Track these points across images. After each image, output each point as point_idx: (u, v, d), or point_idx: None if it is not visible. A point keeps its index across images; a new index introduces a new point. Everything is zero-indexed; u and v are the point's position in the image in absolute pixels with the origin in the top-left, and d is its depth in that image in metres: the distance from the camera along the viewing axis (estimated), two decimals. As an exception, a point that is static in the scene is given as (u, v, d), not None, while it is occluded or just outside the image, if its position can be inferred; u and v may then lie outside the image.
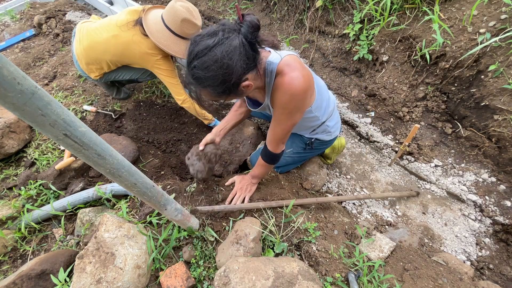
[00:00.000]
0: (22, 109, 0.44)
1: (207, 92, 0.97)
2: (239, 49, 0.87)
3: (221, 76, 0.90)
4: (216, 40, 0.86)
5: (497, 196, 1.70)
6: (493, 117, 1.68)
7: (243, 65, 0.90)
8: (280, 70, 1.03)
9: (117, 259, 1.05)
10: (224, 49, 0.86)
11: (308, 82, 1.04)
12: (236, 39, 0.87)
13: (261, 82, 1.08)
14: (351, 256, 1.31)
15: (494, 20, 1.64)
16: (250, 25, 0.87)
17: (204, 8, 3.32)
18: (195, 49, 0.89)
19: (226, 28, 0.89)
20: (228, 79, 0.90)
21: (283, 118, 1.13)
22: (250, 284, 0.93)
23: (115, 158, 0.64)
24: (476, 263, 1.57)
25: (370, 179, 1.98)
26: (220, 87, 0.93)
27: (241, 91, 0.99)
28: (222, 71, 0.88)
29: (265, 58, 1.06)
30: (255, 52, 0.93)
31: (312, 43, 2.62)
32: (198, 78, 0.92)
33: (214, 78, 0.90)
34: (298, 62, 1.06)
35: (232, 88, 0.94)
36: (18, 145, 1.73)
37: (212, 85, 0.93)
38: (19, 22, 3.13)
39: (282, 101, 1.06)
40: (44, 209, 1.41)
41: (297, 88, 1.01)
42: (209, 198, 1.39)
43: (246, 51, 0.89)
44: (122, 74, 1.89)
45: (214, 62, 0.87)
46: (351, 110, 2.28)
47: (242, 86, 0.96)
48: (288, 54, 1.08)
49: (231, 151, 1.93)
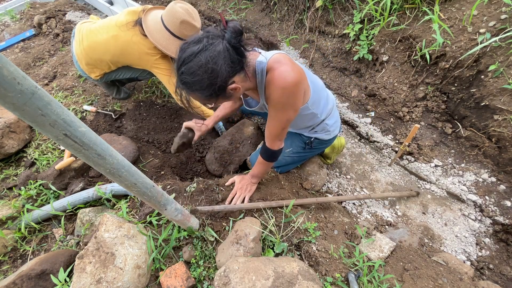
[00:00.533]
0: (22, 109, 0.44)
1: (196, 95, 1.03)
2: (223, 54, 0.93)
3: (207, 80, 0.95)
4: (201, 46, 0.92)
5: (497, 196, 1.70)
6: (493, 117, 1.68)
7: (228, 68, 0.95)
8: (270, 67, 1.07)
9: (117, 259, 1.05)
10: (209, 55, 0.91)
11: (298, 75, 1.05)
12: (220, 45, 0.93)
13: (252, 83, 1.12)
14: (351, 256, 1.31)
15: (494, 20, 1.64)
16: (233, 31, 0.93)
17: (204, 8, 3.32)
18: (182, 56, 0.95)
19: (210, 35, 0.94)
20: (213, 83, 0.95)
21: (277, 114, 1.14)
22: (250, 284, 0.93)
23: (115, 158, 0.64)
24: (476, 263, 1.57)
25: (370, 179, 1.98)
26: (207, 90, 0.98)
27: (230, 94, 1.04)
28: (207, 75, 0.93)
29: (254, 59, 1.10)
30: (240, 56, 0.98)
31: (312, 43, 2.62)
32: (186, 82, 0.98)
33: (200, 82, 0.95)
34: (287, 59, 1.09)
35: (218, 91, 0.99)
36: (18, 145, 1.73)
37: (199, 89, 0.98)
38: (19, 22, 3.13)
39: (274, 96, 1.08)
40: (44, 209, 1.41)
41: (287, 81, 1.04)
42: (209, 198, 1.39)
43: (230, 55, 0.94)
44: (123, 73, 1.89)
45: (199, 67, 0.93)
46: (351, 110, 2.28)
47: (230, 89, 1.01)
48: (278, 52, 1.12)
49: (231, 151, 1.93)
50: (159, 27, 1.58)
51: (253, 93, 1.23)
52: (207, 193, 1.41)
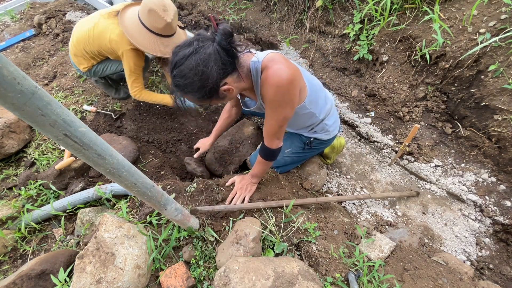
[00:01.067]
0: (22, 109, 0.44)
1: (189, 97, 1.04)
2: (213, 56, 0.94)
3: (198, 82, 0.97)
4: (192, 49, 0.94)
5: (497, 196, 1.70)
6: (493, 117, 1.68)
7: (219, 70, 0.96)
8: (265, 66, 1.08)
9: (117, 259, 1.05)
10: (199, 57, 0.93)
11: (292, 72, 1.06)
12: (211, 47, 0.94)
13: (247, 84, 1.13)
14: (351, 256, 1.31)
15: (494, 20, 1.64)
16: (223, 33, 0.94)
17: (204, 8, 3.32)
18: (174, 59, 0.97)
19: (201, 38, 0.97)
20: (205, 85, 0.97)
21: (274, 112, 1.14)
22: (250, 284, 0.93)
23: (115, 158, 0.64)
24: (476, 263, 1.57)
25: (370, 179, 1.98)
26: (199, 92, 1.00)
27: (223, 95, 1.05)
28: (198, 78, 0.95)
29: (248, 60, 1.11)
30: (231, 57, 0.99)
31: (312, 43, 2.62)
32: (179, 85, 1.00)
33: (191, 84, 0.97)
34: (281, 57, 1.10)
35: (210, 92, 1.00)
36: (18, 145, 1.73)
37: (192, 91, 1.00)
38: (19, 22, 3.13)
39: (270, 94, 1.08)
40: (44, 209, 1.41)
41: (282, 78, 1.04)
42: (209, 198, 1.39)
43: (221, 57, 0.96)
44: (109, 65, 1.91)
45: (190, 70, 0.95)
46: (351, 110, 2.28)
47: (223, 90, 1.02)
48: (272, 52, 1.12)
49: (231, 151, 1.92)
50: (132, 16, 1.62)
51: (250, 93, 1.24)
52: (207, 193, 1.41)
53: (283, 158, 1.63)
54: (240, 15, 3.07)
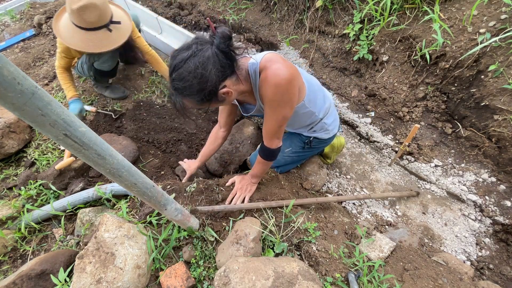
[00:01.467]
0: (22, 109, 0.44)
1: (188, 101, 1.04)
2: (212, 59, 0.94)
3: (196, 85, 0.96)
4: (190, 52, 0.94)
5: (497, 196, 1.70)
6: (493, 117, 1.68)
7: (218, 73, 0.96)
8: (263, 67, 1.08)
9: (117, 259, 1.05)
10: (198, 60, 0.93)
11: (290, 71, 1.06)
12: (209, 50, 0.94)
13: (246, 87, 1.13)
14: (351, 256, 1.31)
15: (494, 20, 1.64)
16: (222, 36, 0.94)
17: (204, 8, 3.32)
18: (173, 63, 0.97)
19: (199, 41, 0.96)
20: (204, 88, 0.97)
21: (273, 112, 1.14)
22: (250, 284, 0.93)
23: (115, 158, 0.64)
24: (476, 263, 1.57)
25: (370, 179, 1.98)
26: (197, 95, 0.99)
27: (222, 98, 1.05)
28: (197, 81, 0.95)
29: (247, 63, 1.11)
30: (230, 60, 0.99)
31: (312, 43, 2.62)
32: (177, 88, 1.00)
33: (190, 87, 0.97)
34: (279, 57, 1.10)
35: (210, 95, 1.00)
36: (18, 145, 1.73)
37: (190, 94, 0.99)
38: (19, 22, 3.13)
39: (269, 94, 1.08)
40: (44, 209, 1.41)
41: (280, 78, 1.04)
42: (209, 198, 1.39)
43: (220, 60, 0.95)
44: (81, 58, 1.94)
45: (189, 73, 0.94)
46: (351, 110, 2.28)
47: (222, 93, 1.02)
48: (269, 52, 1.13)
49: (231, 151, 1.93)
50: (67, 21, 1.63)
51: (249, 96, 1.23)
52: (207, 193, 1.41)
53: (283, 158, 1.63)
54: (240, 15, 3.07)
